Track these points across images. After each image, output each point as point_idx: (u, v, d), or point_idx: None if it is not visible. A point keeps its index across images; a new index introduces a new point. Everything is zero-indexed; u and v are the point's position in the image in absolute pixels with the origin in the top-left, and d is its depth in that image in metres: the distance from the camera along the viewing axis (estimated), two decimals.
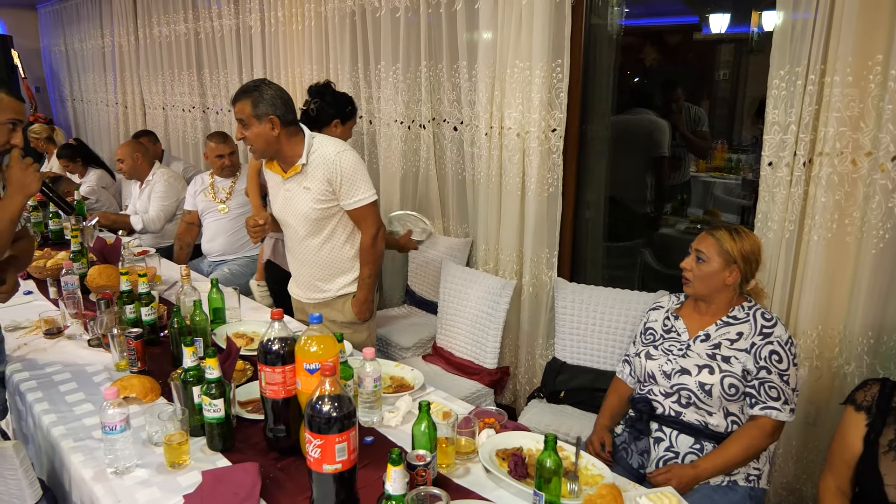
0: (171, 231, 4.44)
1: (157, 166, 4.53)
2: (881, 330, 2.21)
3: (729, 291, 2.02)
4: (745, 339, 1.96)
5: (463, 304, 2.97)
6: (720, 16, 5.08)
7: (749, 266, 2.00)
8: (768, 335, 1.94)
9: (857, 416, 1.75)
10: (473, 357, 2.91)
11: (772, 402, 1.90)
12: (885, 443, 1.69)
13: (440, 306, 3.08)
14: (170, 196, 4.44)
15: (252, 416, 1.91)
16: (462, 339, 2.98)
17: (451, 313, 3.03)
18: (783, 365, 1.91)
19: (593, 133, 3.37)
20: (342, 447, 1.38)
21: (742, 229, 2.02)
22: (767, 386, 1.90)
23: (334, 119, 2.92)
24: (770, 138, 2.30)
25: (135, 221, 4.39)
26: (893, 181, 2.08)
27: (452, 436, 1.70)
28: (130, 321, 2.43)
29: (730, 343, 1.98)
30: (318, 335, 1.64)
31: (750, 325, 1.98)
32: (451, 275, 3.05)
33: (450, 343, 3.03)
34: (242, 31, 4.71)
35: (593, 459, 1.71)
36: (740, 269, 1.99)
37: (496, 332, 2.82)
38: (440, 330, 3.09)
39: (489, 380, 2.84)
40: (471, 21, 3.17)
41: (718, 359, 1.96)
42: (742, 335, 1.97)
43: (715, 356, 1.97)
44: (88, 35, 7.02)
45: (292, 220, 2.56)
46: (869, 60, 2.08)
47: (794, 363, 1.94)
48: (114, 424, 1.64)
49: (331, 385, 1.38)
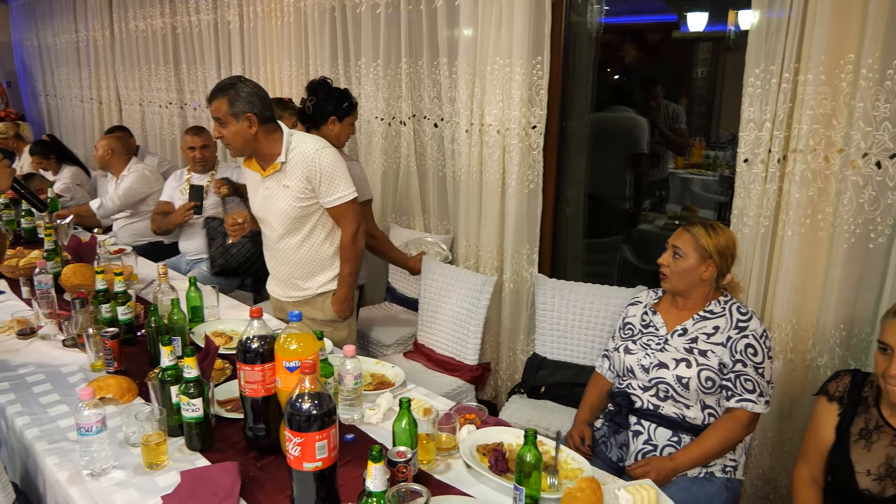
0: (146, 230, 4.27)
1: (134, 161, 4.41)
2: (853, 323, 2.25)
3: (705, 286, 2.05)
4: (721, 333, 1.99)
5: (444, 300, 2.96)
6: (698, 14, 5.13)
7: (725, 261, 2.03)
8: (743, 329, 1.97)
9: (829, 406, 1.78)
10: (454, 353, 2.91)
11: (747, 394, 1.93)
12: (856, 431, 1.73)
13: (421, 303, 3.08)
14: (140, 185, 4.26)
15: (231, 416, 1.90)
16: (443, 336, 2.97)
17: (431, 310, 3.02)
18: (758, 358, 1.94)
19: (573, 130, 3.38)
20: (322, 445, 1.37)
21: (717, 225, 2.05)
22: (743, 379, 1.93)
23: (330, 116, 2.86)
24: (745, 135, 2.33)
25: (93, 204, 4.30)
26: (864, 177, 2.12)
27: (433, 432, 1.71)
28: (106, 321, 2.40)
29: (706, 337, 2.00)
30: (298, 333, 1.64)
31: (726, 318, 2.01)
32: (432, 272, 3.05)
33: (431, 340, 3.03)
34: (220, 27, 4.67)
35: (573, 453, 1.73)
36: (716, 264, 2.01)
37: (477, 329, 2.81)
38: (421, 326, 3.08)
39: (470, 376, 2.85)
40: (451, 17, 3.17)
41: (695, 352, 1.99)
42: (718, 329, 2.00)
43: (692, 350, 2.00)
44: (62, 29, 6.91)
45: (271, 218, 2.55)
46: (841, 59, 2.11)
47: (769, 356, 1.97)
48: (89, 426, 1.62)
49: (311, 383, 1.38)
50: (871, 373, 1.74)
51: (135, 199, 4.28)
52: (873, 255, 2.16)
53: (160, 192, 4.20)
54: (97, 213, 4.27)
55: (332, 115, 2.85)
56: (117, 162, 4.31)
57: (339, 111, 2.86)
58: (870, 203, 2.12)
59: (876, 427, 1.70)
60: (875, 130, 2.07)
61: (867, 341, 2.22)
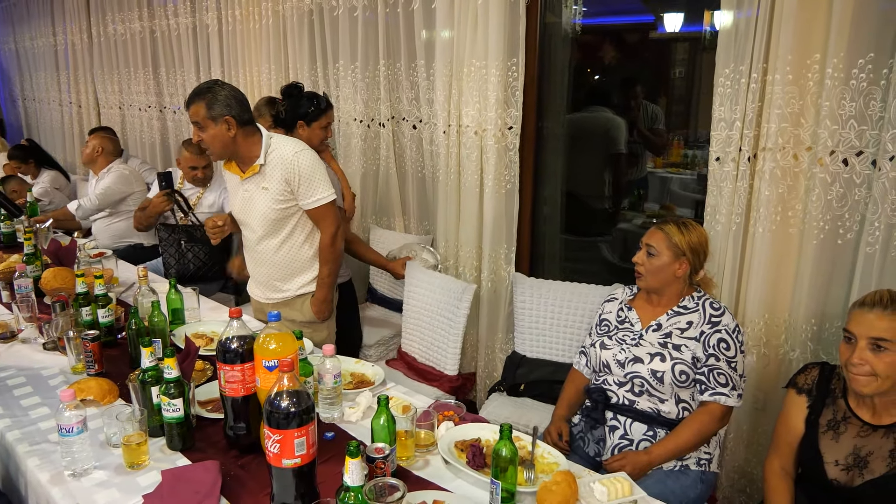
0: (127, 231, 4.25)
1: (117, 162, 4.35)
2: (823, 317, 2.30)
3: (679, 283, 2.10)
4: (694, 328, 2.04)
5: (424, 308, 2.92)
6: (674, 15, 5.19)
7: (697, 258, 2.07)
8: (716, 324, 2.01)
9: (798, 398, 1.83)
10: (435, 363, 2.86)
11: (720, 388, 1.97)
12: (825, 423, 1.78)
13: (404, 310, 3.04)
14: (118, 185, 4.22)
15: (212, 416, 1.92)
16: (423, 344, 2.93)
17: (413, 317, 2.98)
18: (731, 352, 1.99)
19: (550, 130, 3.43)
20: (301, 442, 1.40)
21: (689, 222, 2.10)
22: (716, 373, 1.98)
23: (298, 121, 2.88)
24: (717, 134, 2.38)
25: (72, 205, 4.25)
26: (832, 174, 2.17)
27: (412, 429, 1.73)
28: (87, 323, 2.40)
29: (680, 332, 2.05)
30: (277, 333, 1.66)
31: (699, 314, 2.05)
32: (415, 278, 3.01)
33: (412, 348, 2.99)
34: (199, 30, 4.66)
35: (549, 448, 1.76)
36: (689, 261, 2.06)
37: (456, 338, 2.75)
38: (404, 334, 3.05)
39: (449, 386, 2.78)
40: (428, 20, 3.20)
41: (669, 347, 2.03)
42: (692, 324, 2.05)
43: (666, 344, 2.04)
44: (39, 32, 6.85)
45: (251, 220, 2.56)
46: (807, 59, 2.17)
47: (742, 350, 2.02)
48: (70, 426, 1.63)
49: (289, 381, 1.40)
50: (838, 365, 1.79)
51: (113, 198, 4.23)
52: (842, 251, 2.22)
53: (141, 192, 4.19)
54: (76, 214, 4.23)
55: (300, 119, 2.88)
56: (102, 161, 4.29)
57: (307, 115, 2.87)
58: (837, 200, 2.18)
59: (843, 418, 1.75)
60: (841, 129, 2.12)
61: (838, 335, 2.27)
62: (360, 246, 3.19)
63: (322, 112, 2.90)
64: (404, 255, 3.19)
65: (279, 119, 2.91)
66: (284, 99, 2.89)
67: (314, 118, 2.89)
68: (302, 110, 2.87)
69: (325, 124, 2.93)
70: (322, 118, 2.91)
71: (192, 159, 3.72)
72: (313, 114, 2.89)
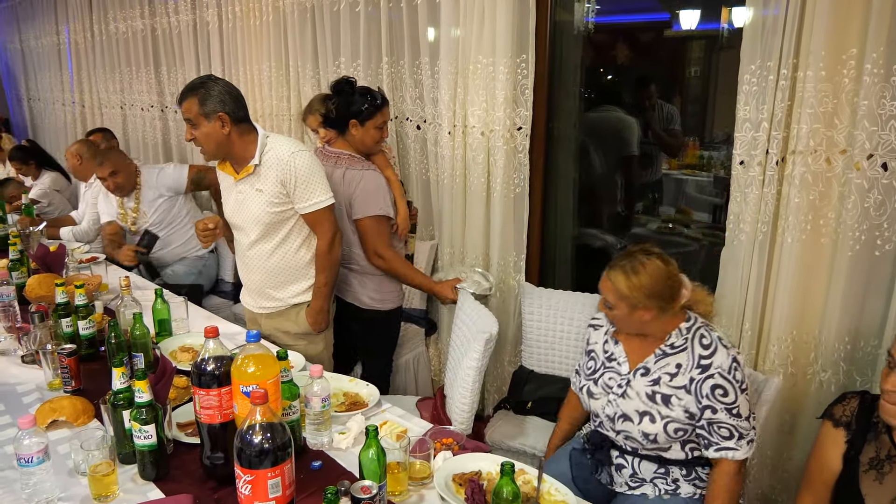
0: None
1: None
2: (857, 335, 2.12)
3: (657, 322, 1.81)
4: (683, 374, 1.78)
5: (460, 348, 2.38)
6: (690, 12, 5.02)
7: (660, 298, 1.77)
8: (707, 367, 1.75)
9: (835, 432, 1.64)
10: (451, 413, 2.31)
11: (725, 441, 1.74)
12: (866, 461, 1.58)
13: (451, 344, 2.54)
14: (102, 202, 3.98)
15: (191, 440, 1.77)
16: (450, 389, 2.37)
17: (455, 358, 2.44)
18: (729, 398, 1.72)
19: (561, 131, 3.26)
20: (275, 483, 1.25)
21: (639, 261, 1.78)
22: (717, 426, 1.74)
23: (350, 119, 2.58)
24: (741, 136, 2.20)
25: (65, 235, 4.03)
26: (869, 180, 1.99)
27: (405, 460, 1.57)
28: (67, 336, 2.27)
29: (669, 378, 1.80)
30: (257, 354, 1.51)
31: (688, 354, 1.79)
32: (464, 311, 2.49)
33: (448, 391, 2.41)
34: (200, 27, 4.53)
35: (557, 484, 1.59)
36: (650, 306, 1.78)
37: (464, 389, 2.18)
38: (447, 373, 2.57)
39: None
40: (432, 16, 3.04)
41: (658, 400, 1.79)
42: (681, 368, 1.79)
43: (654, 396, 1.80)
44: (44, 32, 6.76)
45: (244, 223, 2.42)
46: (843, 54, 1.99)
47: (743, 389, 1.74)
48: (29, 456, 1.49)
49: (262, 414, 1.24)
50: None
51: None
52: (879, 263, 2.03)
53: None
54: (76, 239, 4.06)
55: (353, 118, 2.58)
56: (87, 168, 4.12)
57: (360, 113, 2.57)
58: (875, 207, 1.99)
59: (888, 457, 1.56)
60: (881, 130, 1.94)
61: (874, 355, 2.09)
62: (407, 269, 2.72)
63: (377, 109, 2.59)
64: (453, 276, 2.79)
65: (329, 119, 2.65)
66: (334, 96, 2.61)
67: (368, 116, 2.57)
68: (354, 108, 2.56)
69: (380, 123, 2.61)
70: (377, 116, 2.59)
71: (97, 170, 3.51)
72: (367, 111, 2.57)
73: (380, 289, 2.68)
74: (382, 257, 2.59)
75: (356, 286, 2.67)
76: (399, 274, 2.68)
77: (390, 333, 2.86)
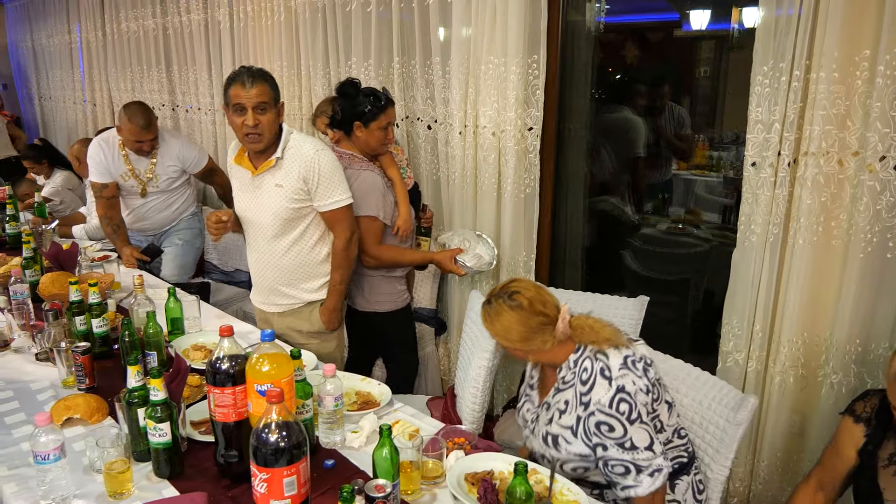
0: None
1: None
2: (869, 338, 2.12)
3: (544, 356, 1.77)
4: (570, 413, 1.71)
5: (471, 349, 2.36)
6: (701, 12, 5.00)
7: (522, 343, 1.73)
8: (587, 404, 1.66)
9: (854, 427, 1.66)
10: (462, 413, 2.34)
11: (622, 479, 1.64)
12: (886, 456, 1.60)
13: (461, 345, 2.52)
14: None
15: (205, 439, 1.78)
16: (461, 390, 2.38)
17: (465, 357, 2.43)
18: (616, 433, 1.62)
19: (572, 132, 3.26)
20: (291, 481, 1.26)
21: (495, 308, 1.74)
22: (611, 465, 1.65)
23: (354, 121, 2.57)
24: (753, 137, 2.20)
25: (76, 233, 4.05)
26: (882, 182, 1.99)
27: (417, 459, 1.58)
28: (81, 333, 2.29)
29: (559, 415, 1.74)
30: (271, 353, 1.52)
31: (573, 391, 1.72)
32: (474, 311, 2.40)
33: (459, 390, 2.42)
34: (211, 27, 4.55)
35: (569, 483, 1.60)
36: (518, 349, 1.76)
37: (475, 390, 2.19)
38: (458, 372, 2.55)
39: None
40: (444, 15, 3.05)
41: (550, 443, 1.76)
42: (568, 405, 1.72)
43: (547, 439, 1.77)
44: (55, 30, 6.80)
45: (261, 218, 2.43)
46: (856, 55, 1.98)
47: (633, 419, 1.62)
48: (46, 453, 1.50)
49: (278, 412, 1.26)
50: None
51: None
52: (891, 266, 2.03)
53: None
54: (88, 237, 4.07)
55: (357, 120, 2.57)
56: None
57: (364, 115, 2.56)
58: (888, 209, 1.99)
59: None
60: (893, 132, 1.93)
61: (885, 357, 2.08)
62: (398, 254, 2.69)
63: (381, 111, 2.57)
64: (456, 244, 2.75)
65: (335, 121, 2.65)
66: (339, 98, 2.62)
67: (371, 118, 2.57)
68: (358, 110, 2.56)
69: (384, 124, 2.59)
70: (381, 117, 2.57)
71: (138, 133, 3.30)
72: (371, 113, 2.56)
73: (372, 290, 2.70)
74: (371, 256, 2.61)
75: (351, 285, 2.67)
76: (392, 263, 2.67)
77: (389, 336, 2.84)
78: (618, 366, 1.66)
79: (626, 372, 1.66)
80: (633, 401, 1.63)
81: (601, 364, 1.68)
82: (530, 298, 1.73)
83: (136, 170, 3.47)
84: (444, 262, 2.68)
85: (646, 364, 1.70)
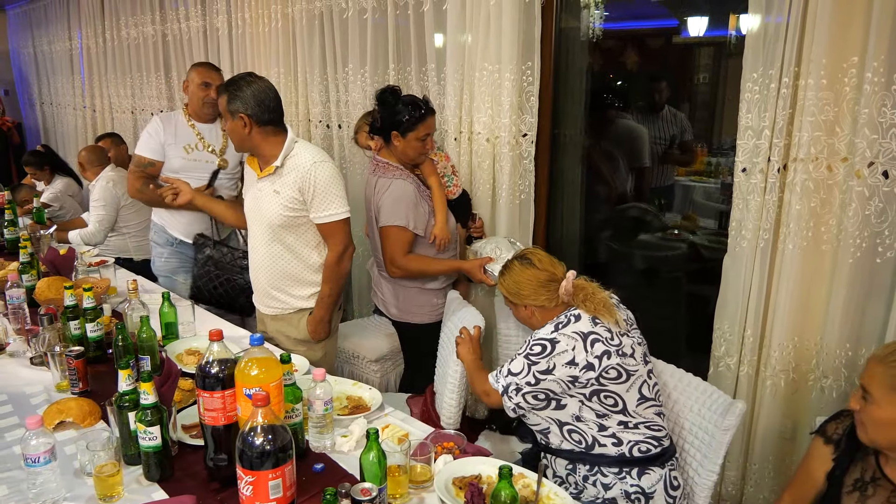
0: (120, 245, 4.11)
1: (107, 170, 4.12)
2: (858, 342, 2.13)
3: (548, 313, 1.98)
4: None
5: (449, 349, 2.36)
6: (698, 19, 5.02)
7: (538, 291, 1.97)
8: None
9: (824, 449, 1.62)
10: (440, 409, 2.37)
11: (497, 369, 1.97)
12: (851, 482, 1.55)
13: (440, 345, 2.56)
14: (106, 202, 3.95)
15: (195, 442, 1.79)
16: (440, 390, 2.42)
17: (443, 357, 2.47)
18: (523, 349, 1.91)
19: (567, 138, 3.27)
20: (276, 484, 1.27)
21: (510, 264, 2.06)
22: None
23: (392, 131, 2.54)
24: (743, 143, 2.22)
25: (73, 238, 3.97)
26: (870, 187, 2.00)
27: (405, 463, 1.59)
28: (76, 338, 2.30)
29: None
30: (260, 357, 1.53)
31: None
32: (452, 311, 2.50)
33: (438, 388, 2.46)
34: (210, 33, 4.58)
35: (556, 488, 1.61)
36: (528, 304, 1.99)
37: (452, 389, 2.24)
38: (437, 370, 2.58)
39: None
40: (439, 23, 3.07)
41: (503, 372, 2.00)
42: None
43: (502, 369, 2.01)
44: (56, 37, 6.85)
45: (258, 220, 2.47)
46: (843, 63, 2.00)
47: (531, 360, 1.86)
48: (36, 456, 1.51)
49: (263, 416, 1.27)
50: None
51: (112, 219, 4.01)
52: (881, 270, 2.04)
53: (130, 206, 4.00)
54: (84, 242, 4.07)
55: (394, 130, 2.54)
56: (91, 174, 4.16)
57: (401, 125, 2.52)
58: (877, 215, 2.00)
59: (872, 479, 1.51)
60: (881, 138, 1.95)
61: None
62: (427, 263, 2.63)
63: (420, 120, 2.51)
64: (488, 252, 2.60)
65: (374, 128, 2.62)
66: (378, 106, 2.58)
67: (409, 128, 2.51)
68: (396, 119, 2.51)
69: (422, 135, 2.53)
70: (420, 127, 2.52)
71: (206, 73, 3.03)
72: (408, 123, 2.50)
73: (407, 301, 2.73)
74: (397, 266, 2.60)
75: (386, 293, 2.77)
76: (420, 273, 2.63)
77: (419, 347, 2.82)
78: (576, 331, 1.83)
79: (576, 341, 1.82)
80: (551, 356, 1.83)
81: (568, 319, 1.87)
82: (541, 258, 2.02)
83: (205, 140, 3.09)
84: (474, 272, 2.56)
85: (607, 351, 1.80)
